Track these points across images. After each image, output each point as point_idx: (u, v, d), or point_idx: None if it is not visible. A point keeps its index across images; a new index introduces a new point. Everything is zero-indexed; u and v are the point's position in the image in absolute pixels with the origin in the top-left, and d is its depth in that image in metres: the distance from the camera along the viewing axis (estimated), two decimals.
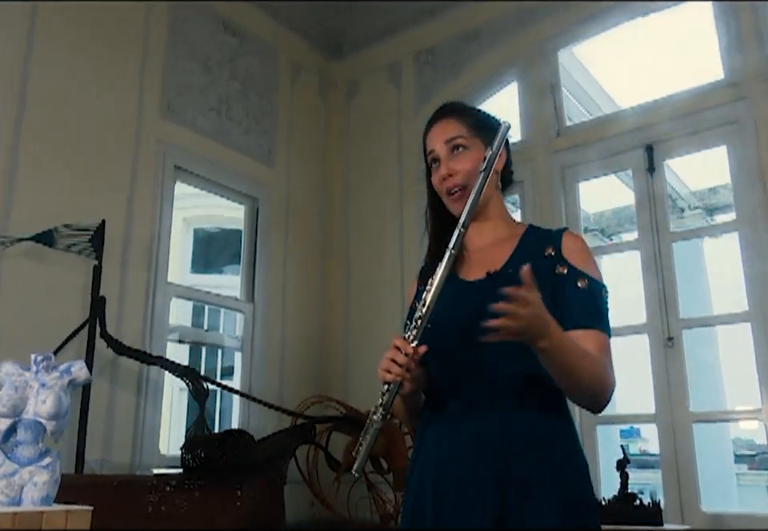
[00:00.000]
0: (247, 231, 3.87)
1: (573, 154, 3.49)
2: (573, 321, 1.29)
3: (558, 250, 1.36)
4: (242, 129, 3.86)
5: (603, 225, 5.54)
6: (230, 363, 5.92)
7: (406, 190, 4.00)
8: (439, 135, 1.45)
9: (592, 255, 1.40)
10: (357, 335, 3.99)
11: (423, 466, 1.34)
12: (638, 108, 3.36)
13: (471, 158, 1.42)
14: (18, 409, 1.38)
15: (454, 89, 3.97)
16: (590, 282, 1.32)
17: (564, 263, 1.34)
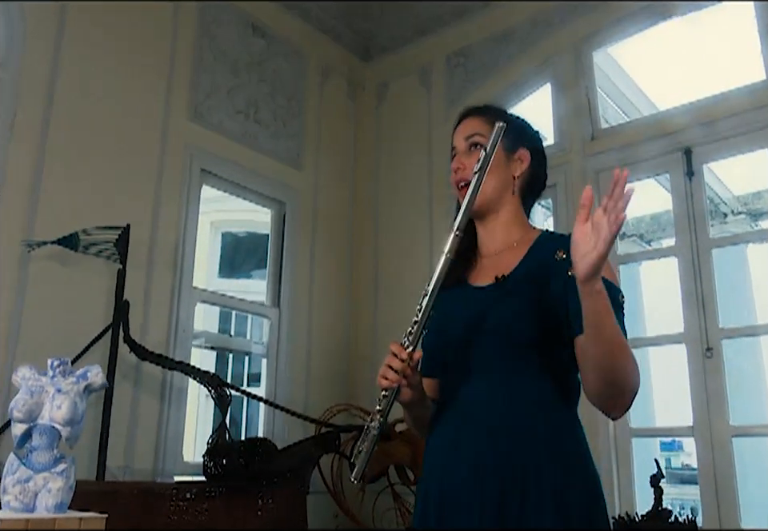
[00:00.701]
0: (274, 235, 3.88)
1: (608, 158, 3.43)
2: (578, 326, 1.24)
3: (570, 253, 1.31)
4: (269, 132, 3.87)
5: (642, 231, 5.45)
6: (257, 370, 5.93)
7: (435, 194, 3.97)
8: (461, 132, 1.48)
9: (607, 259, 1.34)
10: (385, 342, 3.91)
11: (429, 472, 1.34)
12: (676, 109, 3.30)
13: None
14: (33, 414, 1.38)
15: (486, 91, 3.94)
16: (604, 284, 1.25)
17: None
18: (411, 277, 3.92)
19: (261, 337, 3.79)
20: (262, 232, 6.08)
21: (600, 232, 1.13)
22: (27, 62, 2.88)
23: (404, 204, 4.13)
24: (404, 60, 4.39)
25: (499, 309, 1.32)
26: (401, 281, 3.98)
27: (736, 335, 3.04)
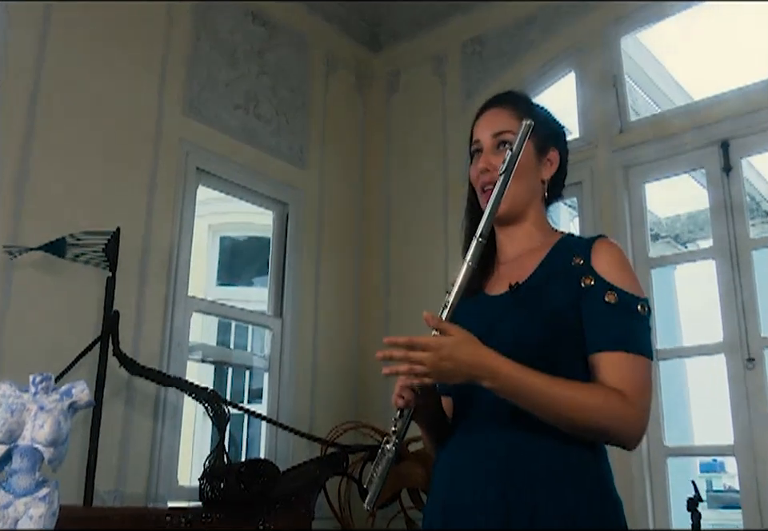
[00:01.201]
0: (276, 239, 3.88)
1: (638, 152, 3.42)
2: (595, 344, 1.27)
3: (588, 259, 1.34)
4: (271, 127, 3.88)
5: (677, 231, 5.42)
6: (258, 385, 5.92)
7: (451, 193, 3.96)
8: (488, 125, 1.46)
9: (629, 265, 1.37)
10: None
11: (435, 491, 1.35)
12: (712, 99, 3.28)
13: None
14: (14, 434, 1.38)
15: (505, 81, 3.93)
16: (619, 296, 1.29)
17: (591, 274, 1.32)
18: (425, 285, 3.91)
19: (262, 350, 3.79)
20: (263, 236, 6.10)
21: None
22: (10, 55, 2.90)
23: (417, 204, 4.13)
24: (416, 48, 4.40)
25: (510, 319, 1.32)
26: (414, 288, 3.98)
27: None
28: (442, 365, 1.17)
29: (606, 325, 1.27)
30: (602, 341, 1.27)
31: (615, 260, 1.34)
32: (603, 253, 1.34)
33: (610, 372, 1.24)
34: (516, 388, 1.19)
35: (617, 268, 1.33)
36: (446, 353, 1.17)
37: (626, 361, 1.25)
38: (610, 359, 1.25)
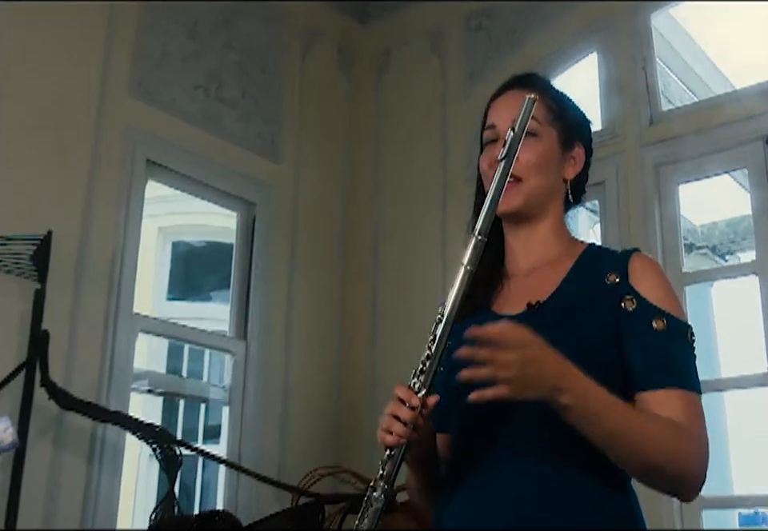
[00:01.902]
0: (241, 246, 3.86)
1: (671, 148, 3.43)
2: (645, 379, 1.29)
3: (625, 277, 1.36)
4: (237, 112, 3.86)
5: (715, 242, 5.48)
6: (215, 421, 5.89)
7: (451, 194, 3.96)
8: (508, 109, 1.47)
9: (670, 285, 1.40)
10: (386, 387, 3.88)
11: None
12: (757, 88, 3.30)
13: (539, 151, 1.45)
14: None
15: (515, 62, 3.94)
16: (668, 322, 1.31)
17: (633, 295, 1.34)
18: (420, 300, 3.89)
19: (222, 379, 3.77)
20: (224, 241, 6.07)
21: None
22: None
23: (411, 207, 4.12)
24: (411, 21, 4.40)
25: None
26: (407, 304, 3.96)
27: None
28: (527, 371, 1.15)
29: (657, 358, 1.30)
30: (654, 376, 1.29)
31: (657, 279, 1.37)
32: (644, 271, 1.37)
33: (664, 410, 1.26)
34: (599, 408, 1.19)
35: (660, 288, 1.36)
36: (533, 353, 1.16)
37: (682, 400, 1.27)
38: (665, 397, 1.27)
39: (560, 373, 1.18)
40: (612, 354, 1.31)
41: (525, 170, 1.43)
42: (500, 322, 1.18)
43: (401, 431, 1.24)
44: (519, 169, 1.42)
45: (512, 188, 1.42)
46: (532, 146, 1.44)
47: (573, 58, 3.86)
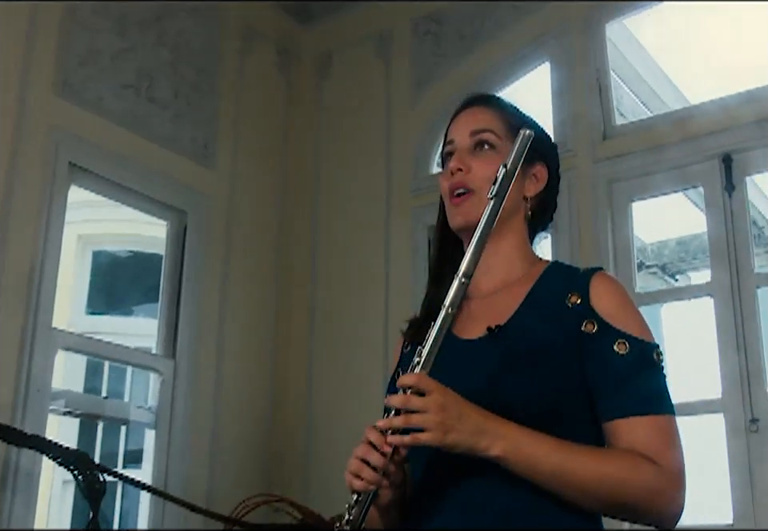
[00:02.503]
0: (170, 257, 3.83)
1: (625, 164, 3.52)
2: (611, 408, 1.31)
3: (586, 299, 1.38)
4: (168, 114, 3.86)
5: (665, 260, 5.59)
6: (137, 445, 5.79)
7: (395, 205, 4.02)
8: (465, 124, 1.52)
9: (634, 305, 1.42)
10: (324, 409, 3.96)
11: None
12: (714, 103, 3.40)
13: (496, 161, 1.44)
14: None
15: (465, 69, 4.02)
16: (631, 345, 1.33)
17: (594, 317, 1.36)
18: (361, 317, 3.93)
19: (146, 400, 3.72)
20: (152, 252, 5.99)
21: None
22: None
23: (353, 219, 4.16)
24: (355, 24, 4.45)
25: (494, 372, 1.34)
26: (347, 322, 3.99)
27: None
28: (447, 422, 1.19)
29: (621, 384, 1.31)
30: (619, 404, 1.31)
31: (620, 299, 1.39)
32: (605, 292, 1.39)
33: (634, 440, 1.28)
34: (530, 458, 1.23)
35: (623, 309, 1.38)
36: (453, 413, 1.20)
37: (651, 426, 1.29)
38: (633, 425, 1.29)
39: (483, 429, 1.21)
40: (575, 380, 1.33)
41: (478, 182, 1.45)
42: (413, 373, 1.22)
43: (370, 477, 1.24)
44: (473, 181, 1.45)
45: (465, 200, 1.45)
46: (488, 158, 1.47)
47: (524, 68, 3.92)
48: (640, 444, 1.27)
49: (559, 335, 1.35)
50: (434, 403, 1.19)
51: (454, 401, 1.21)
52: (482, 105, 1.54)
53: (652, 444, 1.27)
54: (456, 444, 1.20)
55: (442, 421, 1.18)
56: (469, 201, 1.45)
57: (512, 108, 1.57)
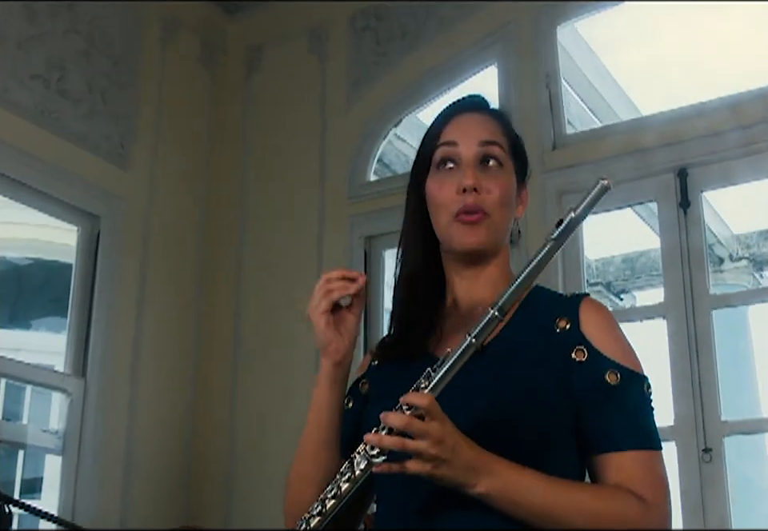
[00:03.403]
0: (82, 266, 3.79)
1: (574, 175, 3.55)
2: (599, 441, 1.36)
3: (576, 324, 1.41)
4: (81, 109, 3.82)
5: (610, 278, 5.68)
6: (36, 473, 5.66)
7: (330, 215, 4.03)
8: (473, 130, 1.51)
9: (623, 333, 1.46)
10: (248, 435, 3.95)
11: None
12: (669, 114, 3.49)
13: (504, 184, 1.50)
14: None
15: (406, 69, 4.04)
16: (622, 376, 1.36)
17: (584, 344, 1.39)
18: (289, 335, 3.91)
19: (48, 423, 3.66)
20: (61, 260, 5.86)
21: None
22: None
23: (283, 227, 4.16)
24: (288, 16, 4.45)
25: (475, 394, 1.36)
26: (274, 340, 3.99)
27: (742, 431, 3.23)
28: (441, 455, 1.21)
29: (610, 417, 1.35)
30: (607, 437, 1.35)
31: (609, 327, 1.43)
32: (595, 317, 1.43)
33: (622, 475, 1.33)
34: (515, 494, 1.26)
35: (612, 337, 1.41)
36: (449, 445, 1.21)
37: (640, 462, 1.34)
38: (621, 460, 1.34)
39: (475, 466, 1.24)
40: (562, 407, 1.37)
41: (494, 206, 1.46)
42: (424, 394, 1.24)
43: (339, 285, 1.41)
44: (489, 205, 1.46)
45: (481, 222, 1.46)
46: (500, 179, 1.49)
47: (470, 70, 3.97)
48: (627, 479, 1.32)
49: (547, 360, 1.39)
50: (435, 432, 1.20)
51: (451, 433, 1.23)
52: (489, 114, 1.54)
53: (640, 480, 1.32)
54: (444, 478, 1.23)
55: (437, 454, 1.20)
56: (484, 224, 1.46)
57: (509, 123, 1.59)
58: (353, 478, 1.27)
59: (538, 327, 1.43)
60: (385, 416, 1.22)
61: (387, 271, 3.94)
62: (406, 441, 1.20)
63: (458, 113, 1.54)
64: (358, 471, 1.27)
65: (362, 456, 1.27)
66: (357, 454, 1.28)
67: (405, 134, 4.47)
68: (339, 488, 1.29)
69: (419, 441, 1.20)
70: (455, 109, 1.56)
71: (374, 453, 1.25)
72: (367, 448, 1.25)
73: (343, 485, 1.28)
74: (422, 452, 1.20)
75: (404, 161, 4.88)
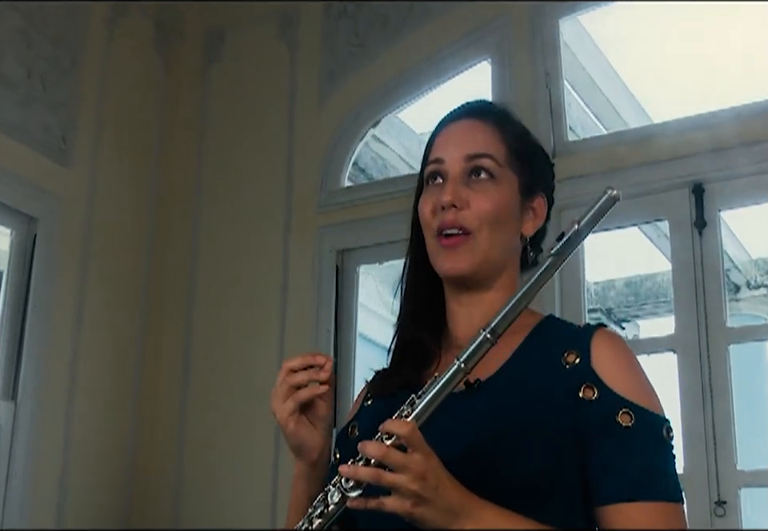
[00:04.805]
0: (14, 275, 3.79)
1: (575, 188, 3.47)
2: (608, 491, 1.34)
3: (586, 359, 1.41)
4: (17, 95, 3.82)
5: (611, 304, 5.66)
6: None
7: (297, 224, 4.05)
8: (459, 144, 1.53)
9: (642, 369, 1.45)
10: (198, 469, 3.96)
11: None
12: (684, 122, 3.51)
13: (496, 199, 1.50)
14: None
15: (387, 62, 4.05)
16: (637, 417, 1.36)
17: (594, 381, 1.39)
18: (249, 358, 3.94)
19: None
20: None
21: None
22: None
23: (243, 237, 4.17)
24: None
25: (473, 436, 1.38)
26: (231, 364, 4.00)
27: (760, 482, 3.24)
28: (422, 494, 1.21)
29: (622, 462, 1.34)
30: (617, 487, 1.34)
31: (625, 361, 1.43)
32: (609, 351, 1.42)
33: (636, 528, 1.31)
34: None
35: (629, 373, 1.41)
36: (431, 483, 1.21)
37: (654, 514, 1.32)
38: (633, 512, 1.32)
39: (459, 507, 1.24)
40: (568, 452, 1.37)
41: (476, 221, 1.48)
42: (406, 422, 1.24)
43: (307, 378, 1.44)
44: (470, 221, 1.47)
45: (459, 244, 1.47)
46: (488, 192, 1.50)
47: (459, 66, 3.98)
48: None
49: (552, 398, 1.39)
50: (416, 466, 1.20)
51: (434, 469, 1.22)
52: (480, 120, 1.55)
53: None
54: (423, 519, 1.22)
55: (417, 492, 1.20)
56: (464, 246, 1.48)
57: (517, 126, 1.60)
58: (326, 513, 1.28)
59: (545, 361, 1.43)
60: (363, 445, 1.23)
61: (362, 288, 3.96)
62: (382, 474, 1.20)
63: (447, 123, 1.57)
64: (331, 505, 1.27)
65: (337, 488, 1.26)
66: (331, 486, 1.28)
67: (383, 136, 4.49)
68: (311, 523, 1.29)
69: (398, 474, 1.20)
70: (445, 118, 1.59)
71: (350, 485, 1.24)
72: (342, 480, 1.25)
73: (315, 521, 1.29)
74: (399, 487, 1.20)
75: (381, 166, 4.89)
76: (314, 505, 1.29)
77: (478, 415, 1.39)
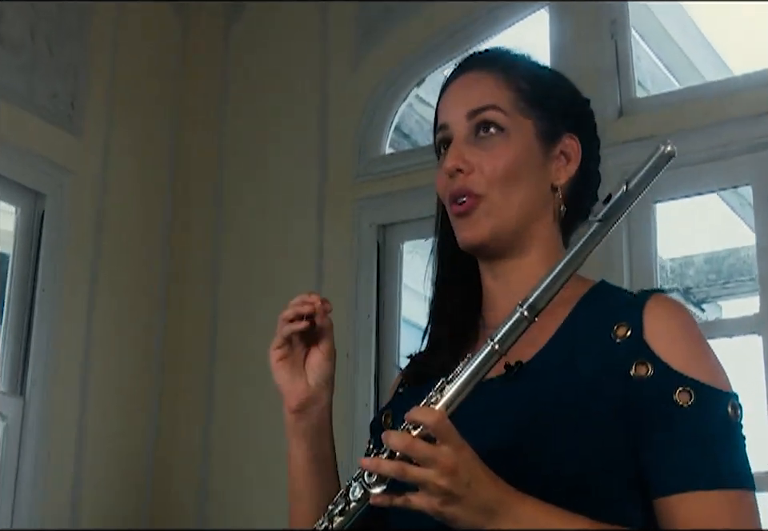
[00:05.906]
0: (20, 257, 3.82)
1: (645, 151, 3.53)
2: (665, 480, 1.34)
3: (638, 331, 1.40)
4: (21, 60, 3.85)
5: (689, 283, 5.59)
6: None
7: (332, 197, 4.04)
8: (460, 101, 1.55)
9: (704, 340, 1.44)
10: (220, 468, 3.97)
11: None
12: (763, 74, 3.47)
13: (508, 155, 1.51)
14: None
15: (434, 17, 4.01)
16: (697, 394, 1.34)
17: (647, 356, 1.38)
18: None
19: None
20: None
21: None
22: None
23: (272, 212, 4.18)
24: None
25: (513, 423, 1.39)
26: (258, 355, 3.94)
27: None
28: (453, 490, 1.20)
29: (682, 447, 1.33)
30: (676, 475, 1.33)
31: (684, 332, 1.41)
32: (664, 321, 1.41)
33: (694, 522, 1.29)
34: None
35: (687, 345, 1.40)
36: (463, 479, 1.20)
37: (717, 503, 1.31)
38: (693, 502, 1.31)
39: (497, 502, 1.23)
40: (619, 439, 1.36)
41: (484, 183, 1.49)
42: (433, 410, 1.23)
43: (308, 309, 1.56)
44: (479, 184, 1.48)
45: (471, 209, 1.48)
46: (496, 148, 1.51)
47: (513, 16, 3.95)
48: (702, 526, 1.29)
49: (601, 379, 1.37)
50: (444, 459, 1.19)
51: (467, 462, 1.21)
52: (480, 70, 1.56)
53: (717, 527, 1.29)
54: (454, 518, 1.21)
55: (446, 488, 1.19)
56: (477, 210, 1.49)
57: (525, 65, 1.60)
58: (348, 511, 1.28)
59: (593, 336, 1.42)
60: (386, 435, 1.22)
61: (406, 267, 3.94)
62: (407, 468, 1.20)
63: (449, 84, 1.59)
64: (353, 502, 1.27)
65: (359, 483, 1.26)
66: (353, 481, 1.27)
67: (429, 96, 4.44)
68: (331, 521, 1.29)
69: (425, 468, 1.19)
70: (447, 78, 1.60)
71: (373, 480, 1.24)
72: (365, 474, 1.25)
73: (336, 519, 1.29)
74: (426, 482, 1.19)
75: (427, 130, 4.86)
76: (335, 501, 1.30)
77: (519, 401, 1.40)
